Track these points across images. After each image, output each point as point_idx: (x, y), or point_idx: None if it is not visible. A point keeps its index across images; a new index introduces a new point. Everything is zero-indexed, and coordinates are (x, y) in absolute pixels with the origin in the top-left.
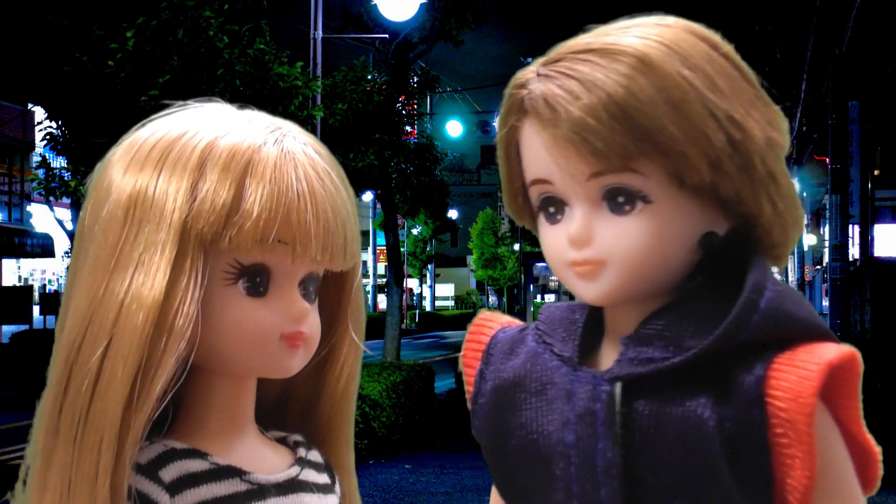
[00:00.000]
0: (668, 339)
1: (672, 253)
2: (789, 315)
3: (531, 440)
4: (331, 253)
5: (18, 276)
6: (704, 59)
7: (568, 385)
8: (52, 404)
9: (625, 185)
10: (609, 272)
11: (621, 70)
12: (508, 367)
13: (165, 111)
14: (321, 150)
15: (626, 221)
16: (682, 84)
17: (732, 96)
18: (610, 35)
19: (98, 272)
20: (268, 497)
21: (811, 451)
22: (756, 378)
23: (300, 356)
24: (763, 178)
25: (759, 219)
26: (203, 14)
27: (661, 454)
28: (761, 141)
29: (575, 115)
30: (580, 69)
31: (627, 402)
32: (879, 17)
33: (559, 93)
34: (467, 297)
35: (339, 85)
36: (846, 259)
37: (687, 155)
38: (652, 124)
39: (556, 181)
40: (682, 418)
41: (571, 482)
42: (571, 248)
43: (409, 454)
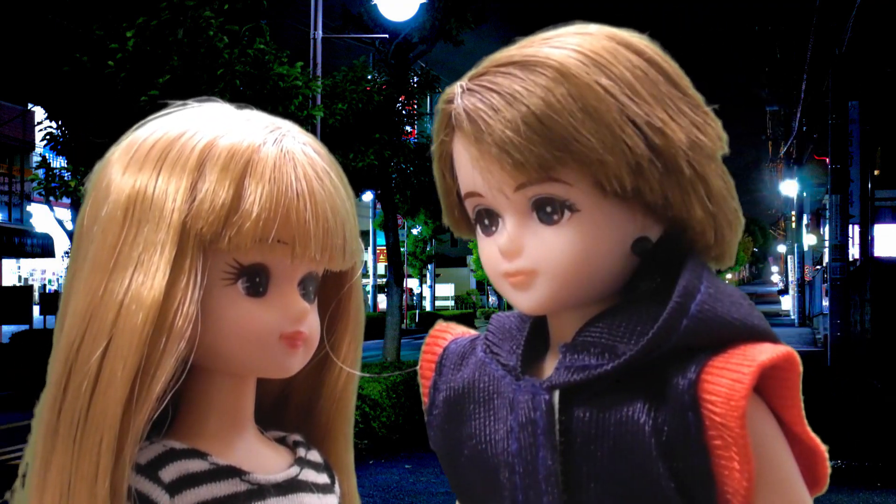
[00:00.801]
0: (603, 345)
1: (603, 260)
2: (722, 318)
3: (480, 450)
4: (330, 253)
5: (18, 276)
6: (625, 67)
7: (511, 394)
8: (52, 405)
9: (550, 195)
10: (541, 282)
11: (539, 82)
12: (458, 377)
13: (164, 111)
14: (320, 149)
15: (554, 231)
16: (598, 92)
17: (654, 101)
18: (531, 47)
19: (97, 272)
20: (267, 497)
21: (747, 454)
22: (689, 382)
23: (299, 356)
24: (692, 181)
25: (691, 221)
26: (203, 14)
27: (600, 461)
28: (684, 144)
29: (495, 128)
30: (501, 82)
31: (566, 409)
32: (879, 17)
33: (481, 107)
34: (467, 297)
35: (339, 85)
36: (846, 259)
37: (604, 162)
38: (569, 134)
39: (485, 194)
40: (620, 424)
41: (517, 490)
42: (503, 259)
43: (409, 454)
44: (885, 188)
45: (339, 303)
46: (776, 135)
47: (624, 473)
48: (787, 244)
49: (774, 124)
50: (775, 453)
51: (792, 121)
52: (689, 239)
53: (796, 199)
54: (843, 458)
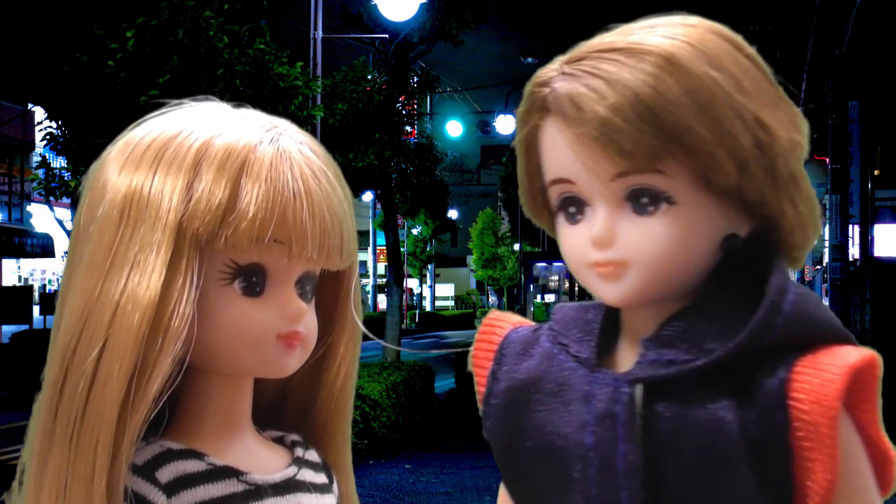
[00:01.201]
0: (690, 341)
1: (695, 255)
2: (811, 318)
3: (547, 441)
4: (327, 252)
5: (18, 276)
6: (730, 61)
7: (586, 387)
8: (48, 405)
9: (649, 186)
10: (632, 273)
11: (648, 70)
12: (522, 367)
13: (161, 110)
14: (317, 149)
15: (650, 222)
16: (709, 85)
17: (758, 98)
18: (634, 34)
19: (93, 272)
20: (265, 497)
21: (834, 456)
22: (779, 381)
23: (297, 356)
24: (786, 181)
25: (781, 221)
26: (203, 14)
27: (682, 457)
28: (786, 143)
29: (602, 114)
30: (606, 68)
31: (648, 404)
32: (879, 17)
33: (585, 91)
34: (467, 297)
35: (339, 85)
36: (846, 259)
37: (715, 156)
38: (680, 125)
39: (579, 181)
40: (704, 421)
41: (590, 484)
42: (594, 248)
43: (409, 454)
44: (885, 188)
45: (337, 302)
46: None
47: (707, 471)
48: None
49: None
50: (856, 458)
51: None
52: (777, 239)
53: None
54: None
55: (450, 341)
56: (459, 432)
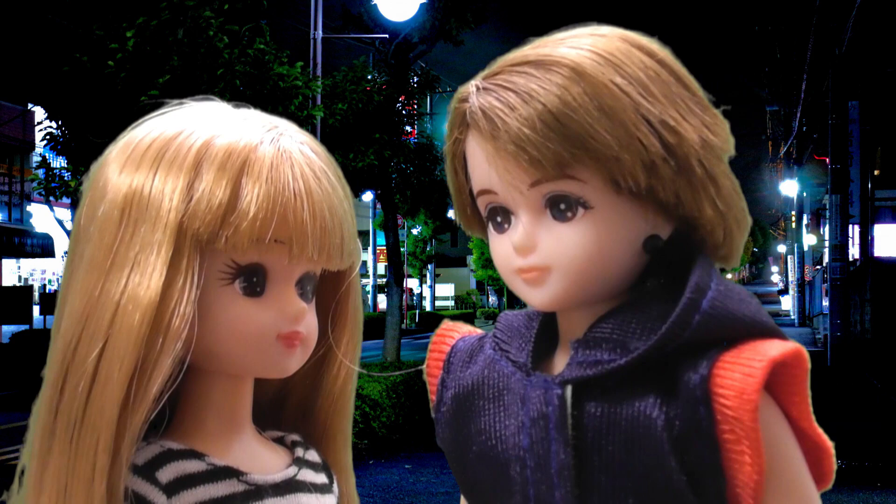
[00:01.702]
0: (615, 341)
1: (615, 257)
2: (732, 314)
3: (490, 446)
4: (328, 252)
5: (18, 276)
6: (638, 67)
7: (522, 390)
8: (48, 405)
9: (565, 193)
10: (554, 278)
11: (555, 80)
12: (467, 374)
13: (161, 110)
14: (318, 149)
15: (568, 228)
16: (614, 91)
17: (666, 101)
18: (546, 47)
19: (94, 272)
20: (265, 497)
21: (758, 447)
22: (701, 377)
23: (297, 356)
24: (702, 180)
25: (701, 220)
26: (203, 14)
27: (612, 455)
28: (696, 144)
29: (512, 126)
30: (516, 81)
31: (578, 404)
32: (879, 17)
33: (497, 105)
34: (467, 297)
35: (339, 85)
36: (846, 259)
37: (620, 160)
38: (585, 131)
39: (499, 191)
40: (632, 419)
41: (528, 485)
42: (517, 255)
43: (409, 454)
44: (885, 188)
45: (338, 302)
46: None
47: (636, 467)
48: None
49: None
50: (785, 449)
51: (792, 121)
52: (699, 238)
53: (796, 199)
54: (843, 458)
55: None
56: None
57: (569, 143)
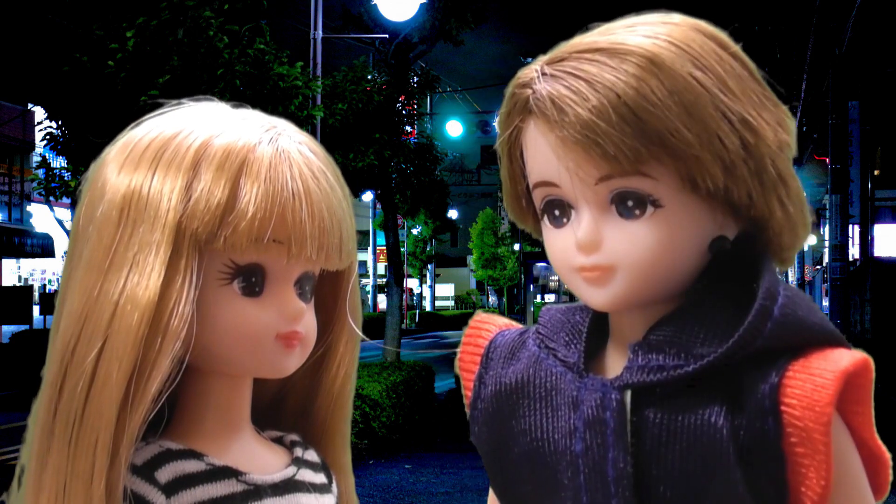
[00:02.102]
0: (679, 346)
1: (682, 258)
2: (802, 322)
3: (535, 447)
4: (326, 252)
5: (18, 276)
6: (714, 60)
7: (574, 392)
8: (47, 406)
9: (635, 190)
10: (619, 278)
11: (630, 71)
12: (510, 371)
13: (160, 110)
14: (316, 148)
15: (636, 226)
16: (693, 86)
17: (744, 98)
18: (616, 34)
19: (92, 273)
20: (264, 497)
21: (828, 461)
22: (770, 386)
23: (296, 356)
24: (774, 181)
25: (770, 222)
26: (203, 14)
27: (673, 463)
28: (773, 143)
29: (584, 116)
30: (588, 69)
31: (637, 410)
32: (879, 17)
33: (566, 93)
34: (467, 297)
35: (339, 85)
36: (846, 259)
37: (700, 159)
38: (664, 127)
39: (562, 184)
40: (695, 427)
41: (581, 492)
42: (580, 253)
43: (409, 454)
44: (885, 188)
45: (336, 302)
46: None
47: (698, 477)
48: None
49: None
50: (850, 462)
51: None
52: (766, 240)
53: None
54: None
55: (450, 341)
56: (459, 432)
57: (646, 139)
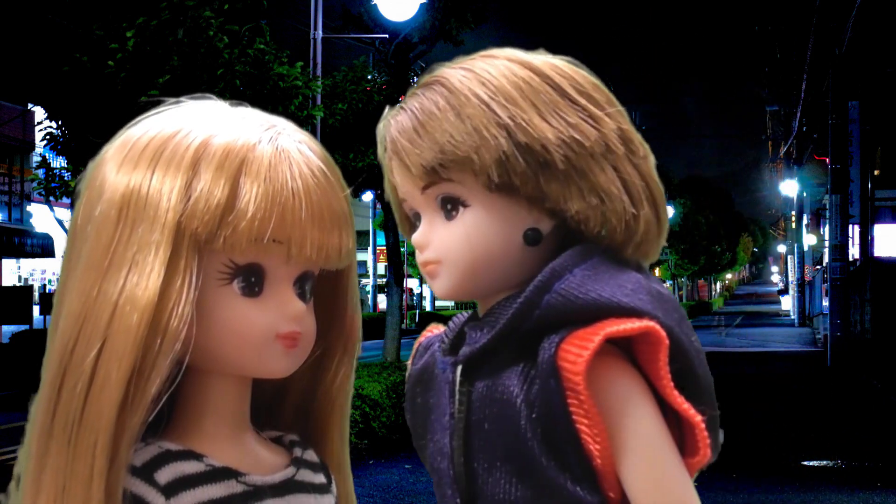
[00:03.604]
0: (491, 323)
1: (496, 249)
2: (586, 296)
3: (426, 419)
4: (326, 252)
5: (18, 276)
6: (507, 80)
7: (438, 370)
8: (46, 406)
9: (448, 194)
10: (444, 270)
11: (430, 96)
12: (420, 363)
13: (159, 108)
14: (316, 148)
15: (452, 225)
16: (470, 99)
17: (527, 106)
18: (440, 69)
19: (91, 273)
20: (264, 498)
21: (594, 414)
22: (550, 351)
23: (295, 356)
24: (567, 175)
25: (569, 212)
26: (203, 14)
27: (487, 432)
28: (552, 141)
29: (396, 140)
30: (411, 102)
31: (468, 382)
32: (879, 17)
33: (393, 123)
34: None
35: (339, 85)
36: (846, 259)
37: (473, 159)
38: (442, 136)
39: (407, 197)
40: (501, 395)
41: (445, 457)
42: (417, 251)
43: (409, 454)
44: (885, 188)
45: (336, 301)
46: (776, 135)
47: (505, 444)
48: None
49: (774, 124)
50: (630, 416)
51: (792, 121)
52: (574, 229)
53: (796, 199)
54: (843, 459)
55: None
56: None
57: (434, 150)
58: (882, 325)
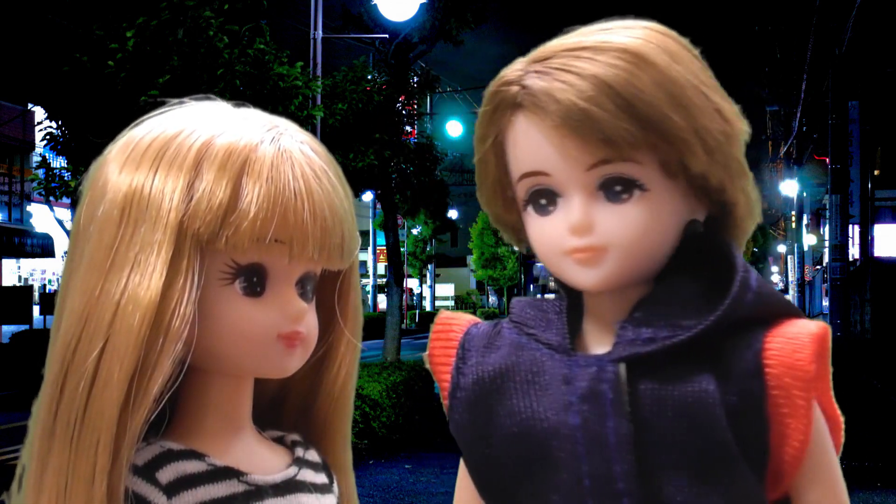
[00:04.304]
0: (665, 319)
1: (663, 239)
2: (772, 294)
3: (525, 426)
4: (328, 252)
5: (18, 276)
6: (687, 58)
7: (564, 370)
8: (48, 406)
9: (623, 175)
10: (609, 258)
11: (619, 64)
12: (491, 359)
13: (161, 109)
14: (318, 148)
15: (624, 209)
16: (677, 77)
17: (715, 90)
18: (596, 35)
19: (93, 272)
20: (265, 498)
21: (808, 418)
22: (754, 352)
23: (297, 356)
24: (739, 169)
25: (735, 207)
26: (203, 14)
27: (666, 430)
28: (740, 132)
29: (581, 105)
30: (577, 64)
31: (631, 381)
32: (879, 17)
33: (561, 86)
34: (467, 297)
35: (339, 85)
36: (846, 259)
37: (689, 143)
38: (655, 114)
39: (554, 172)
40: (686, 395)
41: (580, 462)
42: (573, 235)
43: (409, 454)
44: (885, 188)
45: (338, 301)
46: (776, 135)
47: (690, 442)
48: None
49: (774, 124)
50: (821, 422)
51: (792, 121)
52: (730, 224)
53: (796, 199)
54: (843, 458)
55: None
56: None
57: (641, 125)
58: (882, 325)
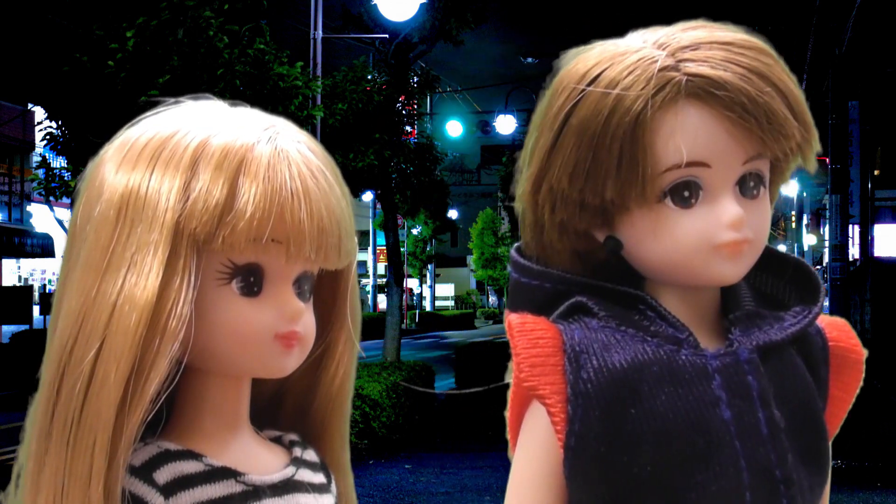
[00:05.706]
0: (768, 313)
1: None
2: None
3: (670, 424)
4: (325, 252)
5: (18, 276)
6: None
7: (700, 364)
8: (45, 406)
9: (758, 171)
10: (750, 251)
11: (769, 63)
12: (615, 360)
13: (157, 108)
14: (315, 147)
15: (758, 204)
16: (794, 81)
17: None
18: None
19: (90, 273)
20: (263, 498)
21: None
22: (821, 337)
23: (295, 356)
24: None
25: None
26: (203, 14)
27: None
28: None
29: (759, 101)
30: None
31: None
32: (879, 17)
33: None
34: (467, 297)
35: (339, 85)
36: (846, 259)
37: (812, 143)
38: (804, 114)
39: (714, 163)
40: (797, 378)
41: (738, 456)
42: (730, 229)
43: (409, 454)
44: (885, 188)
45: (335, 301)
46: None
47: (807, 427)
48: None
49: None
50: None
51: None
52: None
53: (796, 198)
54: (843, 458)
55: (450, 342)
56: (459, 432)
57: (801, 123)
58: (882, 325)
